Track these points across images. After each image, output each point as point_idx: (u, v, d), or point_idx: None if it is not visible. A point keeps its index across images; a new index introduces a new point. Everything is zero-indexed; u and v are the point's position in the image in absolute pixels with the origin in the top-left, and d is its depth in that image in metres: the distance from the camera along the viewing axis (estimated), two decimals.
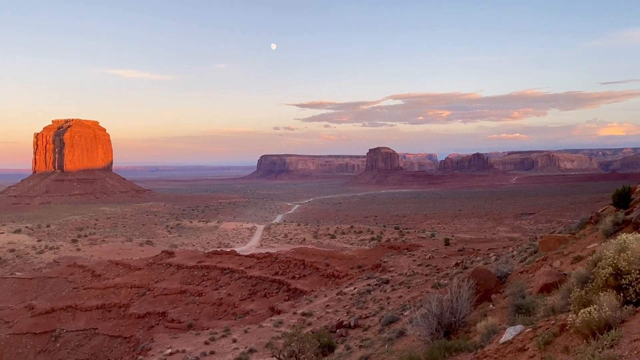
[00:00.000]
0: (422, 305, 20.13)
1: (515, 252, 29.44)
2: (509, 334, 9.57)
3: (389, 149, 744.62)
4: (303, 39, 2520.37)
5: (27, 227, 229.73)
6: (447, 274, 36.87)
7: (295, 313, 38.84)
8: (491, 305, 15.23)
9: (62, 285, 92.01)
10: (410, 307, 25.20)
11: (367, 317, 29.66)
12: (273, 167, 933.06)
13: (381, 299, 34.85)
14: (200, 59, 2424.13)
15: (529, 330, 9.17)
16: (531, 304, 12.09)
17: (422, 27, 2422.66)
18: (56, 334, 64.02)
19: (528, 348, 8.40)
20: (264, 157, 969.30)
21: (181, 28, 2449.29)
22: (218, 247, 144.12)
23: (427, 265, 45.87)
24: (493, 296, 16.02)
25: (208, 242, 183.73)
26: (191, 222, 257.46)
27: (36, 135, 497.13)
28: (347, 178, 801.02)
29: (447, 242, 59.03)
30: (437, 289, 26.61)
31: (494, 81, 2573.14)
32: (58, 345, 62.79)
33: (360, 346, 22.50)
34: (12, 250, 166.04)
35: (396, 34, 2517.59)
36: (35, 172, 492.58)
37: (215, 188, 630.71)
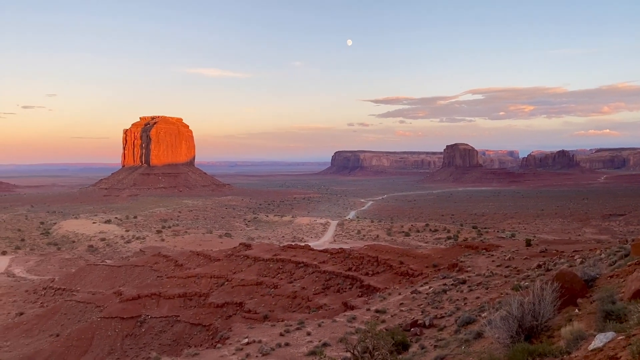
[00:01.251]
0: (501, 307, 19.44)
1: (603, 255, 27.71)
2: (599, 340, 9.03)
3: (467, 145, 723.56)
4: (379, 35, 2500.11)
5: (116, 217, 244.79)
6: (528, 275, 35.34)
7: (368, 310, 38.77)
8: (577, 310, 14.42)
9: (148, 273, 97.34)
10: (488, 309, 24.43)
11: (443, 317, 29.07)
12: (347, 163, 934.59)
13: (457, 299, 34.03)
14: (277, 57, 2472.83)
15: (621, 337, 8.61)
16: (623, 310, 11.35)
17: (503, 19, 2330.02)
18: (141, 320, 67.60)
19: (620, 357, 7.89)
20: (337, 153, 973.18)
21: (260, 28, 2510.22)
22: (292, 241, 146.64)
23: (506, 267, 44.23)
24: (579, 300, 15.17)
25: (283, 236, 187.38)
26: (267, 216, 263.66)
27: (125, 132, 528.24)
28: (423, 175, 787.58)
29: (528, 243, 56.57)
30: (518, 290, 25.58)
31: (581, 74, 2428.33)
32: (143, 330, 66.31)
33: (435, 346, 22.09)
34: (102, 240, 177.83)
35: (476, 27, 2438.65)
36: (124, 166, 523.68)
37: (290, 183, 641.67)
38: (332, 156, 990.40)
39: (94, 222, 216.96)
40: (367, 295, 52.19)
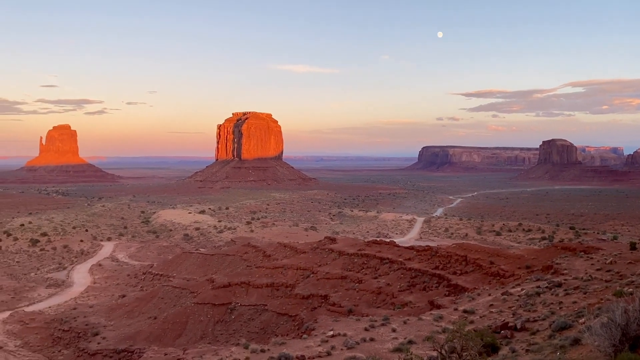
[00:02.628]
0: (601, 314, 18.21)
1: None
2: None
3: (565, 141, 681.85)
4: (472, 26, 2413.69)
5: (209, 208, 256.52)
6: (632, 281, 32.80)
7: (456, 309, 37.81)
8: None
9: (238, 262, 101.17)
10: (586, 315, 22.98)
11: (536, 320, 27.71)
12: (435, 158, 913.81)
13: (552, 303, 32.28)
14: (365, 51, 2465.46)
15: None
16: None
17: (606, 5, 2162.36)
18: (232, 307, 70.36)
19: None
20: (425, 149, 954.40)
21: (348, 21, 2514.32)
22: (377, 237, 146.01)
23: (607, 271, 41.27)
24: None
25: (367, 231, 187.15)
26: (352, 211, 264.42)
27: (219, 127, 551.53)
28: (516, 172, 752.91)
29: (633, 246, 52.35)
30: (621, 297, 23.83)
31: None
32: (233, 317, 69.03)
33: (527, 350, 21.14)
34: (197, 229, 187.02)
35: (575, 15, 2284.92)
36: (217, 159, 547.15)
37: (376, 178, 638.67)
38: (420, 151, 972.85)
39: (189, 212, 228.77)
40: (454, 295, 50.91)
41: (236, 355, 28.62)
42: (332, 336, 31.54)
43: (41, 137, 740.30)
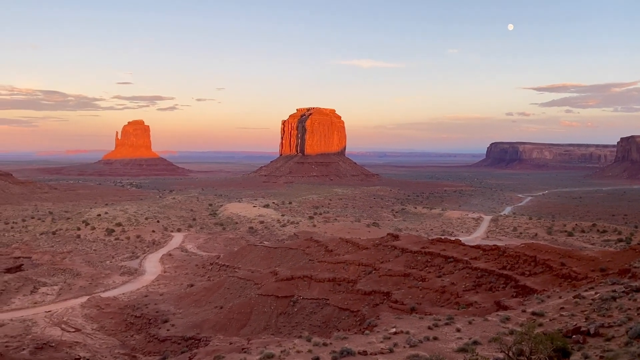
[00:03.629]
0: None
1: None
2: None
3: None
4: (543, 18, 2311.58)
5: (273, 202, 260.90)
6: None
7: (524, 311, 36.49)
8: None
9: (300, 256, 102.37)
10: None
11: (611, 326, 26.28)
12: (504, 155, 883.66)
13: (629, 309, 30.48)
14: (432, 45, 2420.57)
15: None
16: None
17: None
18: (294, 300, 71.31)
19: None
20: (494, 145, 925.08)
21: (415, 15, 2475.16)
22: (441, 235, 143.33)
23: None
24: None
25: (431, 229, 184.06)
26: (415, 208, 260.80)
27: (283, 122, 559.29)
28: (591, 170, 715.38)
29: None
30: None
31: None
32: (295, 309, 69.95)
33: (602, 357, 20.14)
34: (261, 222, 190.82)
35: None
36: (281, 155, 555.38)
37: (441, 175, 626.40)
38: (488, 148, 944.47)
39: (254, 206, 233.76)
40: (522, 296, 49.18)
41: (299, 347, 29.01)
42: (395, 333, 31.31)
43: (117, 132, 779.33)
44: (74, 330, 73.20)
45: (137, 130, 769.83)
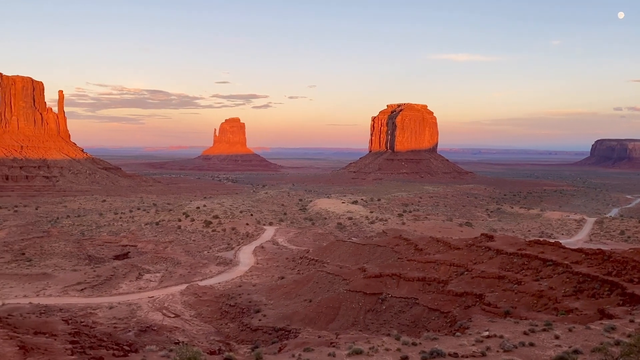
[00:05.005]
0: None
1: None
2: None
3: None
4: None
5: (362, 199, 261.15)
6: None
7: (632, 321, 33.76)
8: None
9: (389, 254, 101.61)
10: None
11: None
12: (610, 153, 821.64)
13: None
14: (532, 37, 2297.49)
15: None
16: None
17: None
18: (382, 297, 70.96)
19: None
20: (599, 142, 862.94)
21: (516, 6, 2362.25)
22: (540, 237, 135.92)
23: None
24: None
25: (529, 230, 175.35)
26: (512, 208, 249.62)
27: (373, 119, 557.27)
28: None
29: None
30: None
31: None
32: (383, 307, 69.58)
33: None
34: (350, 219, 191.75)
35: None
36: (370, 151, 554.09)
37: (540, 174, 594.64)
38: (592, 145, 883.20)
39: (342, 202, 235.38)
40: (629, 305, 45.48)
41: (387, 345, 28.84)
42: (488, 337, 30.22)
43: (215, 129, 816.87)
44: (173, 315, 77.81)
45: (233, 127, 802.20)
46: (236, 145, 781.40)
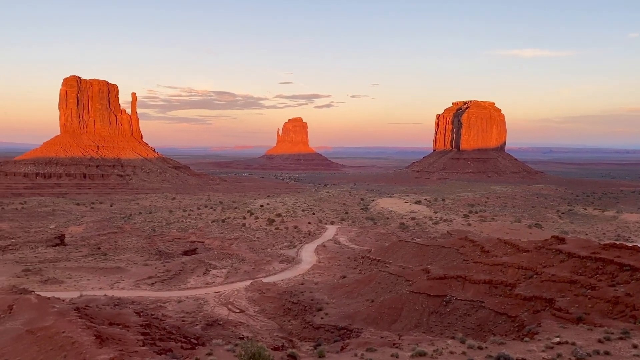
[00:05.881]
0: None
1: None
2: None
3: None
4: None
5: (425, 199, 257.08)
6: None
7: None
8: None
9: (453, 255, 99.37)
10: None
11: None
12: None
13: None
14: (608, 29, 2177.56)
15: None
16: None
17: None
18: (447, 300, 69.50)
19: None
20: None
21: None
22: (615, 240, 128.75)
23: None
24: None
25: (603, 233, 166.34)
26: (585, 209, 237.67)
27: (437, 117, 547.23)
28: None
29: None
30: None
31: None
32: (448, 310, 68.12)
33: None
34: (413, 219, 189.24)
35: None
36: (435, 150, 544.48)
37: (616, 173, 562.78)
38: None
39: (405, 202, 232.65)
40: None
41: (452, 348, 28.24)
42: (559, 343, 28.95)
43: (278, 129, 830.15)
44: (238, 311, 79.75)
45: (296, 127, 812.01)
46: (298, 144, 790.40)
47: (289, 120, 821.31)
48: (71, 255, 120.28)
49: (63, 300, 47.30)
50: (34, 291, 53.57)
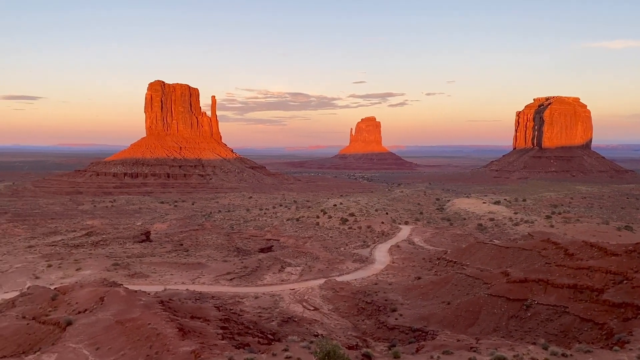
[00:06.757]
0: None
1: None
2: None
3: None
4: None
5: (505, 199, 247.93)
6: None
7: None
8: None
9: (535, 258, 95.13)
10: None
11: None
12: None
13: None
14: None
15: None
16: None
17: None
18: (527, 304, 66.73)
19: None
20: None
21: None
22: None
23: None
24: None
25: None
26: None
27: (518, 114, 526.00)
28: None
29: None
30: None
31: None
32: (529, 314, 65.38)
33: None
34: (491, 220, 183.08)
35: None
36: (515, 148, 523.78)
37: None
38: None
39: (483, 202, 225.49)
40: None
41: (534, 354, 27.16)
42: None
43: (351, 129, 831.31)
44: (313, 308, 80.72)
45: (369, 126, 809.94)
46: (372, 144, 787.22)
47: (362, 119, 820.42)
48: (156, 250, 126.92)
49: (148, 294, 50.08)
50: (122, 284, 57.09)
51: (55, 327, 37.54)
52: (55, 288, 52.76)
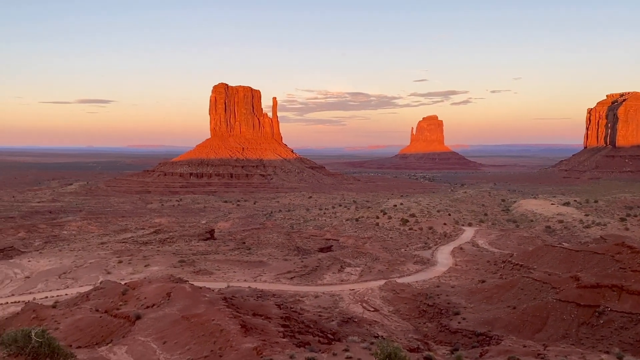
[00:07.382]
0: None
1: None
2: None
3: None
4: None
5: (575, 200, 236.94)
6: None
7: None
8: None
9: (607, 262, 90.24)
10: None
11: None
12: None
13: None
14: None
15: None
16: None
17: None
18: (600, 310, 63.44)
19: None
20: None
21: None
22: None
23: None
24: None
25: None
26: None
27: (589, 111, 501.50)
28: None
29: None
30: None
31: None
32: (601, 321, 62.14)
33: None
34: (560, 222, 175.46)
35: None
36: (586, 147, 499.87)
37: None
38: None
39: (552, 204, 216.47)
40: None
41: None
42: None
43: (412, 128, 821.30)
44: (373, 309, 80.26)
45: (430, 125, 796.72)
46: (433, 143, 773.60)
47: (423, 118, 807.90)
48: (220, 248, 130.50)
49: (213, 290, 51.51)
50: (188, 281, 59.03)
51: (125, 321, 39.36)
52: (126, 283, 55.38)
